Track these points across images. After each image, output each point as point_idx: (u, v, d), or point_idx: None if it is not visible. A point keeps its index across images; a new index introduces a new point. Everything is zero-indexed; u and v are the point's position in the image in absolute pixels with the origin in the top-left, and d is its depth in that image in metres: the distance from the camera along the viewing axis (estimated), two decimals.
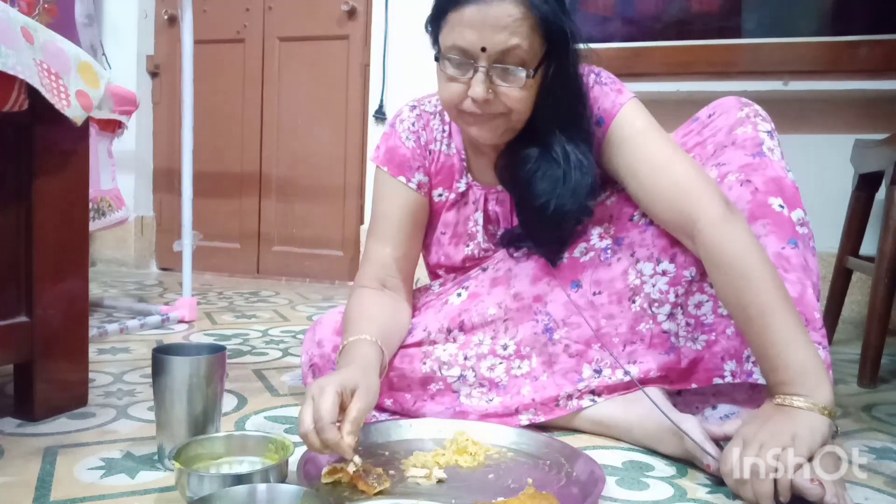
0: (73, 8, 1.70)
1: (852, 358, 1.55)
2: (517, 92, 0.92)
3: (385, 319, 1.02)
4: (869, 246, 1.74)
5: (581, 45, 0.96)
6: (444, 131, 1.10)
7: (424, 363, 1.05)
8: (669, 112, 1.02)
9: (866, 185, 1.73)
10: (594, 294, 1.04)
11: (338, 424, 0.76)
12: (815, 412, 0.79)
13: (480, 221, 1.10)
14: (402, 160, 1.09)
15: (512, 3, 0.87)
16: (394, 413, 1.05)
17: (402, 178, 1.09)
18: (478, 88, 0.91)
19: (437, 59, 0.94)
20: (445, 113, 1.10)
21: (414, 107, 1.11)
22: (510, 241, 1.07)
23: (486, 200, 1.10)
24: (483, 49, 0.89)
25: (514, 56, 0.90)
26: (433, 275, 1.20)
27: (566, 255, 1.06)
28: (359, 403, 0.79)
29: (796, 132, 1.98)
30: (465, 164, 1.10)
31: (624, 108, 0.99)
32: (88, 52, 1.67)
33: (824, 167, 1.96)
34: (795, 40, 2.08)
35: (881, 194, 1.57)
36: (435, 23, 0.95)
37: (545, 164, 0.99)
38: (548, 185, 0.98)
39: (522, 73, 0.91)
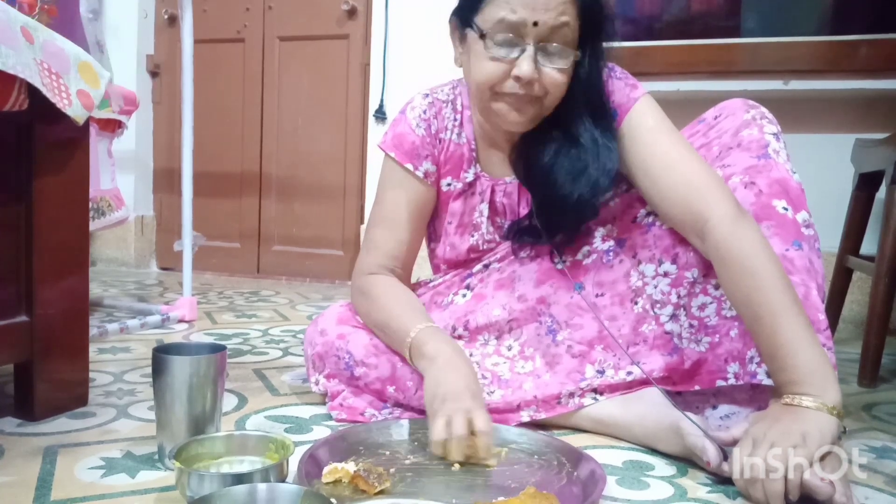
0: (74, 7, 1.70)
1: (852, 358, 1.54)
2: (559, 75, 0.93)
3: (425, 311, 1.04)
4: (869, 246, 1.74)
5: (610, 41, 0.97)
6: (455, 120, 1.09)
7: None
8: (669, 112, 1.02)
9: (866, 184, 1.73)
10: (597, 296, 1.04)
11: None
12: (824, 412, 0.79)
13: (486, 213, 1.10)
14: (410, 147, 1.08)
15: None
16: (396, 402, 1.04)
17: (410, 166, 1.08)
18: (525, 66, 0.91)
19: (482, 36, 0.93)
20: (458, 102, 1.09)
21: (427, 94, 1.11)
22: (517, 234, 1.07)
23: (493, 192, 1.09)
24: (535, 23, 0.89)
25: (562, 35, 0.91)
26: (437, 268, 1.20)
27: (569, 257, 1.06)
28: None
29: (796, 132, 1.98)
30: (474, 154, 1.09)
31: (637, 103, 0.99)
32: (94, 48, 1.67)
33: (824, 167, 1.96)
34: (795, 40, 2.08)
35: (881, 194, 1.57)
36: (469, 6, 0.95)
37: (565, 153, 0.99)
38: (569, 176, 0.98)
39: (569, 53, 0.92)
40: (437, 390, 0.89)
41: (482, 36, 0.93)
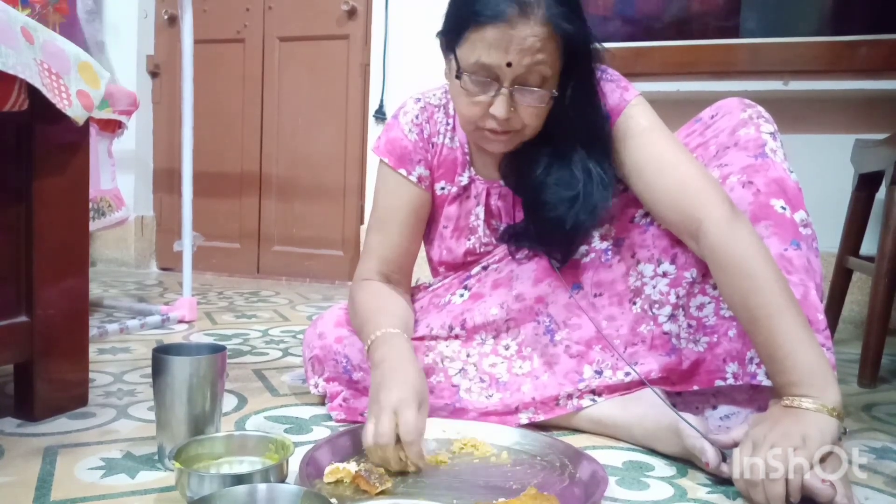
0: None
1: (852, 358, 1.55)
2: (536, 110, 0.92)
3: (402, 313, 1.03)
4: (869, 246, 1.74)
5: (598, 47, 0.96)
6: (447, 124, 1.10)
7: (427, 355, 1.05)
8: (669, 112, 1.02)
9: (866, 185, 1.73)
10: (595, 296, 1.04)
11: None
12: (824, 413, 0.79)
13: (482, 216, 1.10)
14: (403, 152, 1.08)
15: (536, 24, 0.87)
16: None
17: (403, 171, 1.08)
18: (500, 108, 0.90)
19: (457, 76, 0.92)
20: (450, 106, 1.09)
21: (418, 99, 1.11)
22: (512, 237, 1.07)
23: (488, 195, 1.09)
24: (508, 64, 0.88)
25: (537, 75, 0.90)
26: (435, 272, 1.20)
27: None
28: (425, 416, 0.85)
29: (796, 132, 1.98)
30: (467, 157, 1.09)
31: (630, 105, 0.99)
32: (94, 48, 1.68)
33: (824, 167, 1.96)
34: (795, 40, 2.08)
35: (881, 194, 1.57)
36: (451, 36, 0.94)
37: (556, 171, 0.98)
38: (561, 198, 0.97)
39: (545, 93, 0.91)
40: (373, 393, 0.86)
41: (458, 76, 0.92)
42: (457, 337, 1.08)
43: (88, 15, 1.76)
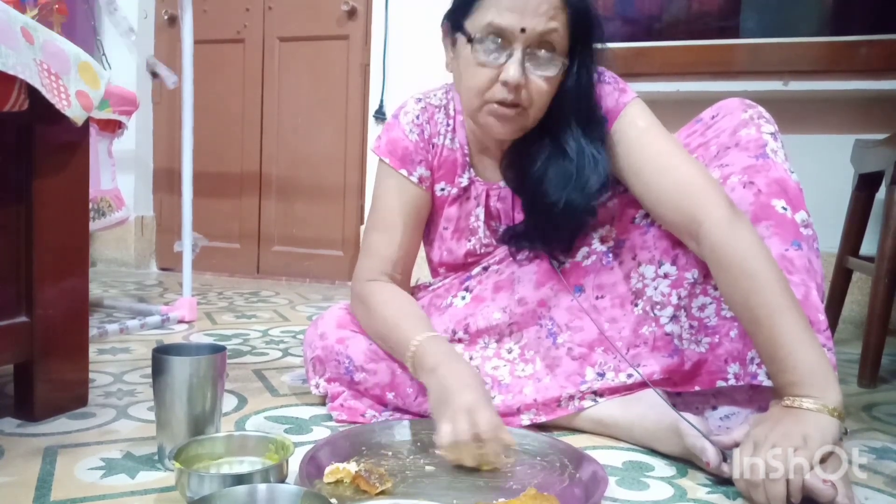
0: (83, 5, 1.71)
1: (852, 358, 1.55)
2: (545, 84, 0.93)
3: (425, 315, 1.04)
4: (869, 246, 1.74)
5: (601, 46, 0.97)
6: (448, 125, 1.09)
7: None
8: (669, 112, 1.02)
9: (866, 185, 1.73)
10: (597, 298, 1.04)
11: None
12: (825, 413, 0.79)
13: (482, 217, 1.10)
14: (403, 153, 1.08)
15: None
16: (396, 407, 1.04)
17: (404, 171, 1.08)
18: (512, 71, 0.90)
19: (469, 41, 0.92)
20: (451, 107, 1.09)
21: (419, 99, 1.11)
22: (511, 239, 1.07)
23: (487, 196, 1.09)
24: (522, 30, 0.89)
25: (550, 42, 0.91)
26: (435, 272, 1.20)
27: (568, 259, 1.06)
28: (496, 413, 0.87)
29: (796, 132, 1.98)
30: (467, 159, 1.09)
31: (628, 107, 0.99)
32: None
33: (824, 167, 1.96)
34: (795, 40, 2.08)
35: (881, 194, 1.57)
36: (460, 12, 0.94)
37: (555, 162, 0.98)
38: (558, 184, 0.97)
39: (557, 61, 0.92)
40: (440, 396, 0.88)
41: (470, 41, 0.92)
42: (460, 341, 1.08)
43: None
